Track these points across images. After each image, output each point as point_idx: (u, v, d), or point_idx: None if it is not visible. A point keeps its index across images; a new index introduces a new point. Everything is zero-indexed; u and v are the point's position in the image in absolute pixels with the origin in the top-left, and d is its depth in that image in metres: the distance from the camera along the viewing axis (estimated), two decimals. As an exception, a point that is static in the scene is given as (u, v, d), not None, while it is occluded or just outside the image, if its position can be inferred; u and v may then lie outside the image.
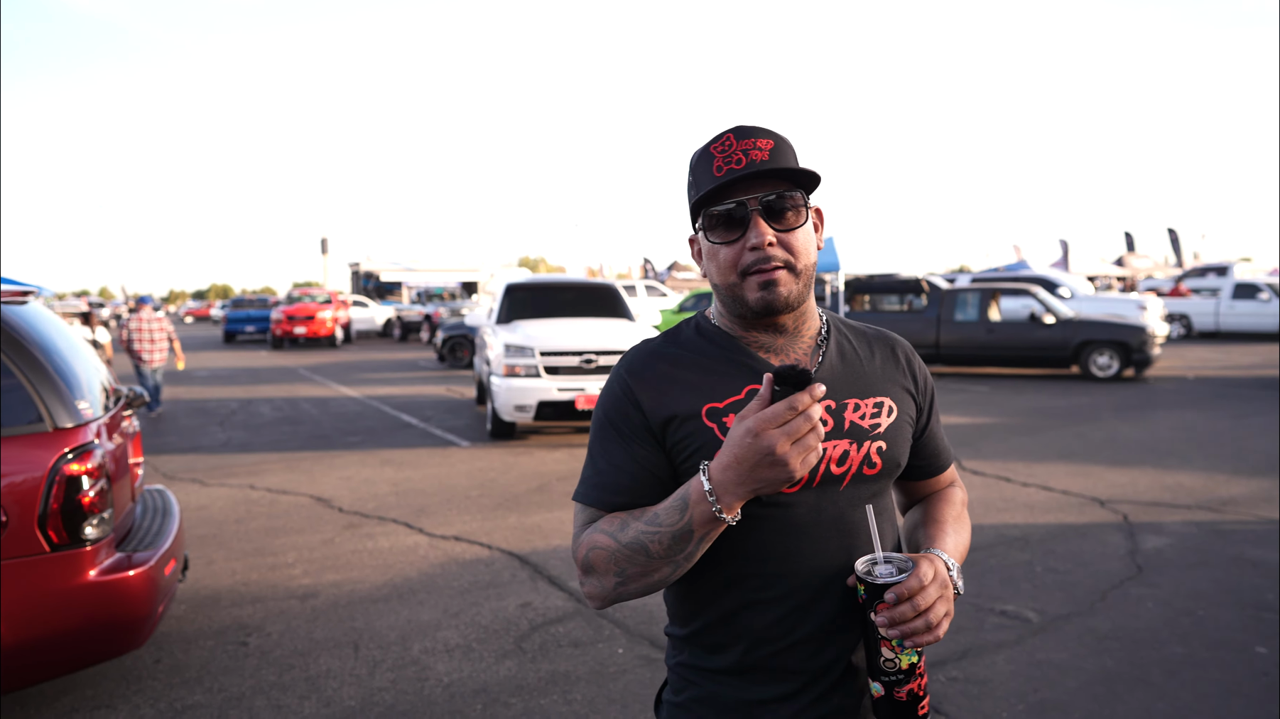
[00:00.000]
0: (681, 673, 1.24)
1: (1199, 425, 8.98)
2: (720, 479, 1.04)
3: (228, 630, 3.92)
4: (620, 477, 1.18)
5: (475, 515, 5.80)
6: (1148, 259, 37.98)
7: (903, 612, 1.05)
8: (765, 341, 1.22)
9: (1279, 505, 5.74)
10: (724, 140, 1.16)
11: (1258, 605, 4.00)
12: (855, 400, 1.21)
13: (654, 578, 1.13)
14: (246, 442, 8.98)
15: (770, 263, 1.15)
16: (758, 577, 1.17)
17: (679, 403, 1.18)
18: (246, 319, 28.55)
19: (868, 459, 1.19)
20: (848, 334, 1.29)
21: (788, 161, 1.16)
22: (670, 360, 1.22)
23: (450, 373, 16.22)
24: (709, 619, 1.20)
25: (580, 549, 1.17)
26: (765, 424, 0.99)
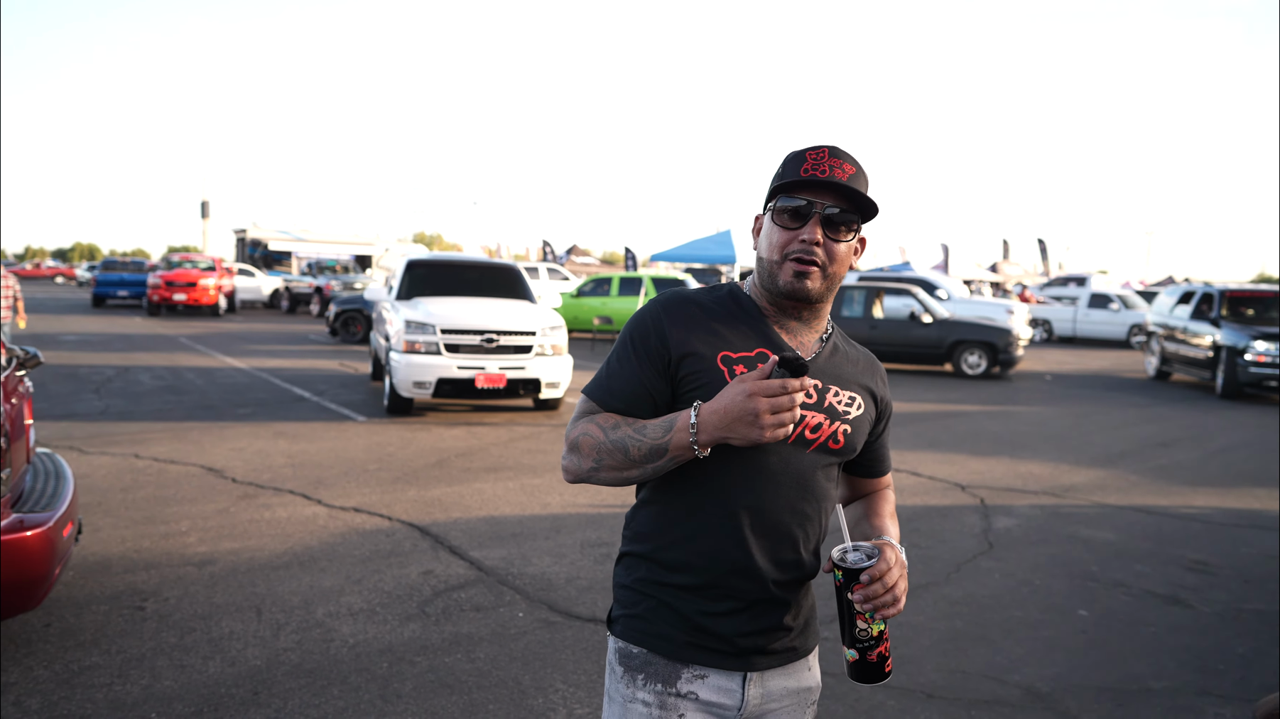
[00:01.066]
0: (639, 588, 1.43)
1: (1050, 421, 9.86)
2: (705, 418, 1.27)
3: (122, 595, 3.89)
4: (625, 386, 1.40)
5: (374, 488, 5.85)
6: (1019, 266, 40.61)
7: (875, 590, 1.27)
8: (783, 321, 1.43)
9: (1111, 492, 6.47)
10: (819, 151, 1.37)
11: (1084, 576, 4.57)
12: (837, 388, 1.44)
13: (623, 474, 1.36)
14: (127, 410, 8.63)
15: (811, 256, 1.36)
16: (721, 506, 1.37)
17: (701, 344, 1.39)
18: (119, 283, 26.90)
19: (834, 435, 1.41)
20: (845, 343, 1.53)
21: (860, 189, 1.37)
22: (702, 308, 1.43)
23: (343, 347, 15.88)
24: (674, 537, 1.40)
25: (574, 431, 1.41)
26: (759, 390, 1.23)
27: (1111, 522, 5.67)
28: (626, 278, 18.92)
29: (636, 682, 1.41)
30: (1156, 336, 14.83)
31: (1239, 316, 13.08)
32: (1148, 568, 4.74)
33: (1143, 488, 6.66)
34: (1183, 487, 6.75)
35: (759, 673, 1.41)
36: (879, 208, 1.39)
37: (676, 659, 1.39)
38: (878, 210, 1.39)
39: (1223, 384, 12.38)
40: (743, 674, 1.40)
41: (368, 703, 3.02)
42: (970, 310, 17.55)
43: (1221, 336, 12.49)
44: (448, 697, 3.08)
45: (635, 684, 1.41)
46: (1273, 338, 11.83)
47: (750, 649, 1.40)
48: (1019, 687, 3.30)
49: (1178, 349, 13.93)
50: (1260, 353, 11.77)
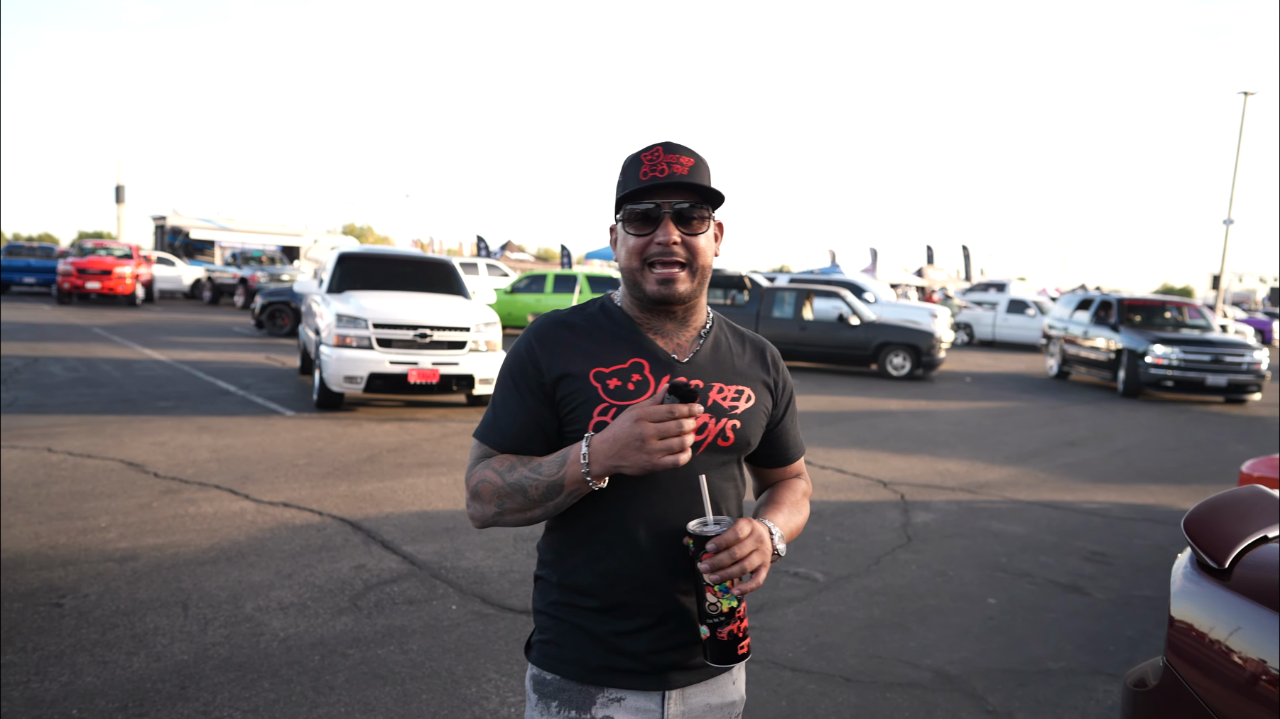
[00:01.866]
0: (553, 612, 1.41)
1: (969, 421, 10.29)
2: (596, 448, 1.27)
3: (37, 593, 3.78)
4: (511, 423, 1.39)
5: (304, 483, 5.78)
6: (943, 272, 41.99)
7: (721, 559, 1.23)
8: (656, 325, 1.42)
9: (1021, 488, 6.82)
10: (653, 151, 1.37)
11: (994, 567, 4.83)
12: (720, 384, 1.42)
13: (527, 514, 1.34)
14: (37, 402, 8.29)
15: (672, 258, 1.35)
16: (618, 524, 1.35)
17: (573, 363, 1.37)
18: (25, 269, 25.58)
19: (723, 433, 1.39)
20: (728, 333, 1.51)
21: (702, 180, 1.37)
22: (572, 328, 1.42)
23: (269, 340, 15.49)
24: (577, 561, 1.39)
25: (472, 479, 1.39)
26: (645, 417, 1.23)
27: (1021, 516, 5.98)
28: (561, 275, 18.93)
29: (551, 709, 1.38)
30: (1057, 340, 15.87)
31: (1132, 322, 14.22)
32: (1051, 559, 5.04)
33: (1050, 484, 7.03)
34: (1087, 483, 7.15)
35: (678, 690, 1.39)
36: (724, 195, 1.39)
37: (590, 683, 1.37)
38: (723, 197, 1.39)
39: (1125, 383, 13.40)
40: (661, 693, 1.38)
41: (299, 695, 3.02)
42: (896, 313, 18.13)
43: (1123, 341, 13.53)
44: (380, 687, 3.11)
45: (550, 712, 1.38)
46: (1170, 342, 12.92)
47: (666, 666, 1.37)
48: (931, 670, 3.49)
49: (1078, 351, 15.01)
50: (1159, 356, 12.85)
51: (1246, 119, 24.87)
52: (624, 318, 1.43)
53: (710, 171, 1.41)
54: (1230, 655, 1.48)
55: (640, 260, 1.37)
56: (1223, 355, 12.76)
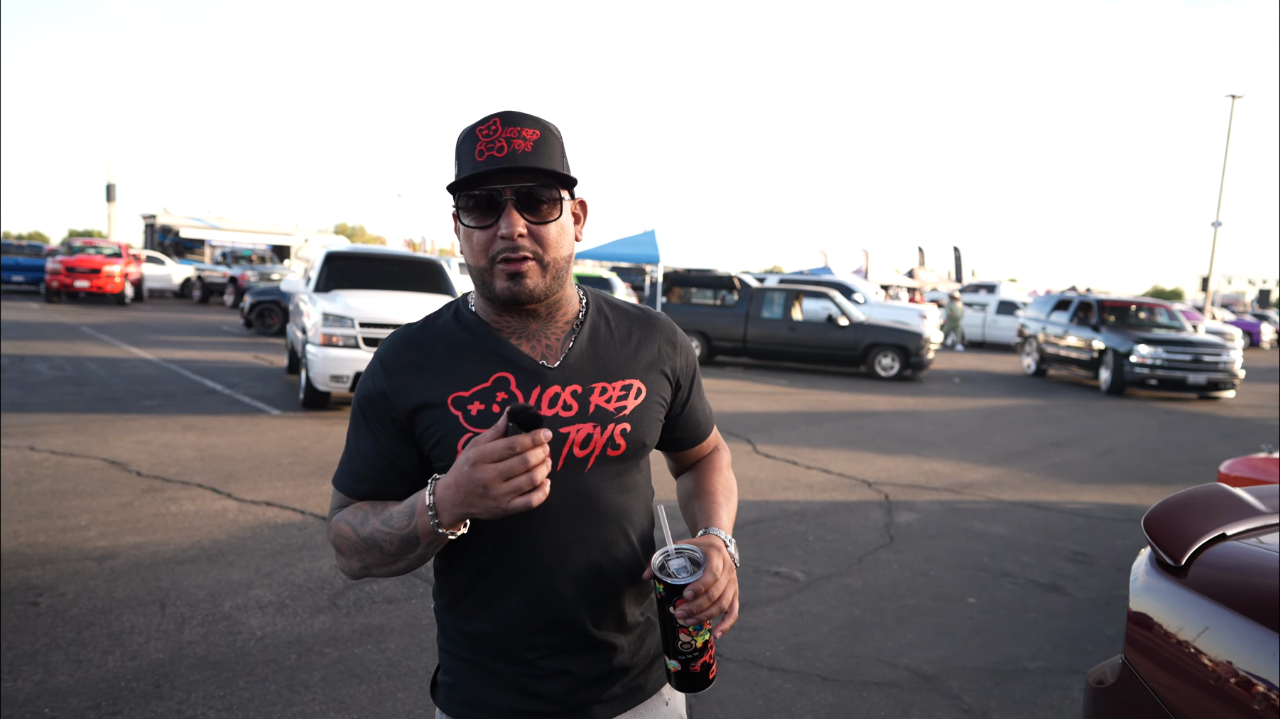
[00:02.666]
0: (456, 652, 1.27)
1: (956, 421, 10.33)
2: (441, 496, 1.08)
3: (14, 591, 3.76)
4: (365, 465, 1.22)
5: (288, 482, 5.77)
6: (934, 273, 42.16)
7: (700, 604, 1.11)
8: (517, 327, 1.23)
9: (1006, 489, 6.85)
10: (490, 125, 1.15)
11: (975, 567, 4.85)
12: (603, 384, 1.24)
13: (393, 567, 1.18)
14: (21, 401, 8.25)
15: (519, 253, 1.15)
16: (509, 561, 1.20)
17: (427, 391, 1.19)
18: (14, 267, 25.45)
19: (611, 441, 1.22)
20: (609, 316, 1.31)
21: (550, 155, 1.16)
22: (421, 348, 1.23)
23: (258, 339, 15.44)
24: (471, 607, 1.24)
25: (330, 532, 1.23)
26: (482, 458, 1.03)
27: (1004, 516, 6.00)
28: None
29: None
30: (1033, 339, 16.56)
31: (1112, 323, 14.82)
32: (1033, 559, 5.06)
33: (1035, 485, 7.06)
34: (1071, 484, 7.19)
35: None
36: (574, 176, 1.20)
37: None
38: (573, 179, 1.20)
39: (1110, 382, 13.99)
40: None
41: (274, 693, 3.02)
42: (885, 314, 18.18)
43: (1107, 341, 14.16)
44: (356, 686, 3.10)
45: None
46: (1153, 342, 13.59)
47: (584, 702, 1.24)
48: (908, 669, 3.51)
49: (1056, 350, 15.67)
50: (1143, 355, 13.52)
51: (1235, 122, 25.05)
52: (479, 325, 1.24)
53: (563, 143, 1.21)
54: (1186, 652, 1.50)
55: (486, 258, 1.18)
56: (1202, 355, 13.45)
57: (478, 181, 1.15)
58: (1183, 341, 13.62)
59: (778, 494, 6.22)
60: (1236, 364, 13.64)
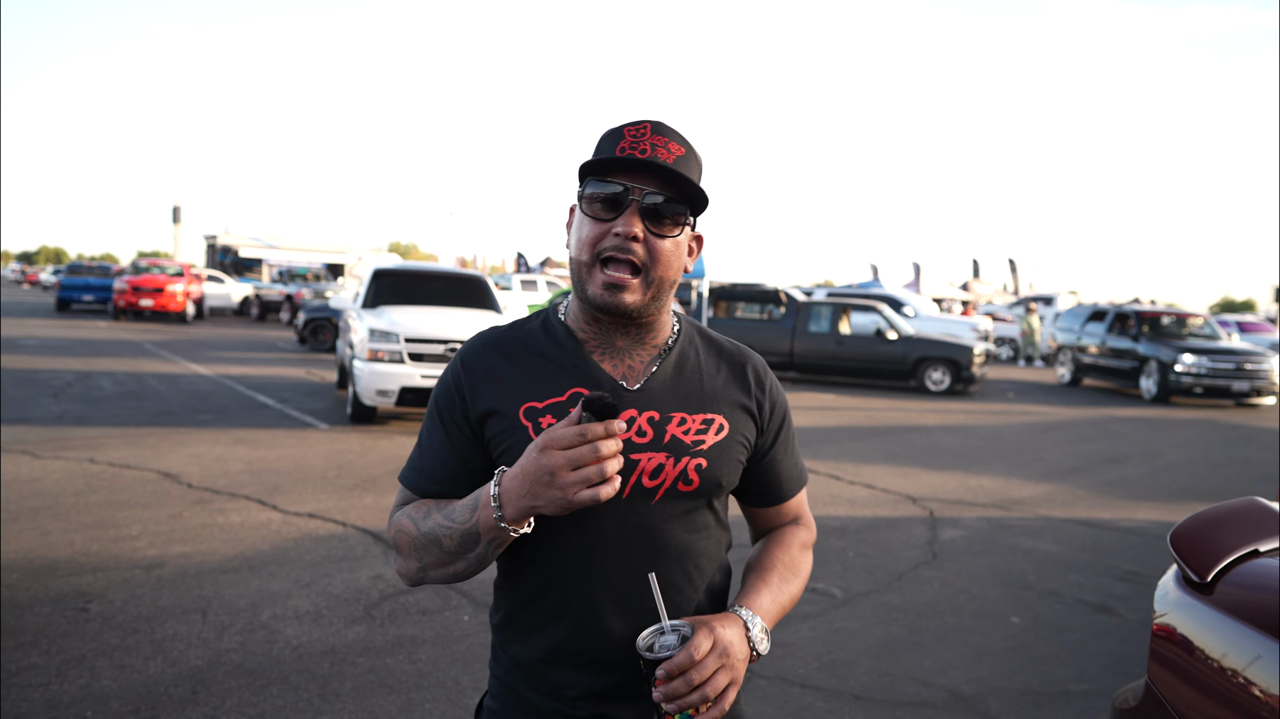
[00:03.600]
0: (502, 677, 1.22)
1: (1007, 436, 10.07)
2: (507, 487, 1.04)
3: (66, 598, 3.90)
4: (435, 463, 1.19)
5: (331, 494, 5.88)
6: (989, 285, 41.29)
7: (675, 687, 1.01)
8: (604, 343, 1.19)
9: (1057, 505, 6.64)
10: (640, 127, 1.14)
11: (1020, 585, 4.71)
12: (682, 414, 1.18)
13: (450, 569, 1.13)
14: (85, 415, 8.57)
15: (626, 255, 1.12)
16: (564, 590, 1.14)
17: (501, 398, 1.16)
18: (84, 287, 26.56)
19: (684, 475, 1.15)
20: (699, 347, 1.26)
21: (690, 173, 1.14)
22: (503, 352, 1.20)
23: (311, 355, 15.82)
24: (518, 630, 1.19)
25: (390, 530, 1.20)
26: (551, 444, 1.00)
27: (1054, 533, 5.82)
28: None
29: None
30: (1068, 349, 16.93)
31: (1148, 333, 15.31)
32: (1082, 578, 4.89)
33: (1088, 502, 6.84)
34: (1126, 501, 6.94)
35: None
36: (709, 199, 1.16)
37: None
38: (708, 201, 1.16)
39: (1156, 390, 14.39)
40: None
41: (306, 702, 3.06)
42: (936, 327, 17.86)
43: (1150, 350, 14.60)
44: (386, 696, 3.14)
45: None
46: (1197, 351, 14.08)
47: None
48: (944, 689, 3.41)
49: (1094, 360, 16.09)
50: (1188, 364, 13.97)
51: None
52: (566, 336, 1.21)
53: (702, 170, 1.19)
54: (1210, 673, 1.43)
55: (592, 254, 1.14)
56: (1244, 363, 13.98)
57: (611, 169, 1.13)
58: (1225, 350, 14.12)
59: (819, 509, 6.13)
60: (1275, 372, 14.14)
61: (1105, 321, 16.02)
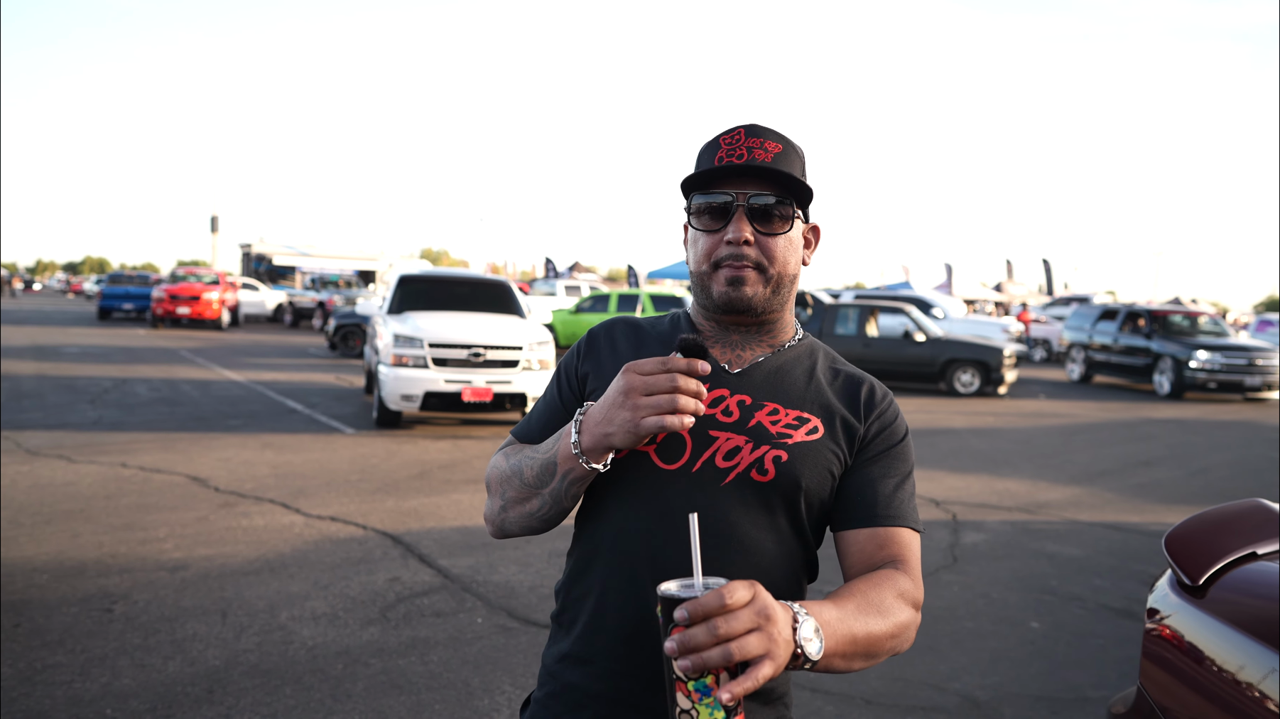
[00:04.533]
0: (549, 664, 1.21)
1: (1036, 439, 9.91)
2: (590, 414, 1.07)
3: (92, 598, 3.99)
4: (545, 412, 1.25)
5: (353, 498, 5.96)
6: (1023, 286, 40.64)
7: (695, 635, 0.81)
8: (722, 336, 1.20)
9: (1084, 509, 6.52)
10: (734, 134, 1.16)
11: (1042, 590, 4.63)
12: (776, 405, 1.15)
13: (526, 507, 1.14)
14: (120, 420, 8.77)
15: (742, 260, 1.13)
16: (616, 559, 1.12)
17: (606, 363, 1.21)
18: (125, 295, 27.23)
19: (759, 464, 1.11)
20: (819, 359, 1.24)
21: (790, 168, 1.15)
22: (625, 332, 1.26)
23: (341, 361, 16.04)
24: (573, 597, 1.18)
25: (489, 468, 1.24)
26: (634, 368, 1.03)
27: (1079, 538, 5.72)
28: (625, 294, 19.08)
29: None
30: (1078, 347, 17.35)
31: (1160, 331, 15.65)
32: (1107, 582, 4.80)
33: (1117, 505, 6.71)
34: (1158, 505, 6.80)
35: None
36: (811, 187, 1.17)
37: None
38: (810, 190, 1.17)
39: (1171, 387, 14.86)
40: None
41: (318, 702, 3.11)
42: (966, 329, 17.65)
43: (1164, 348, 15.08)
44: (397, 697, 3.17)
45: None
46: (1210, 348, 14.62)
47: None
48: (958, 694, 3.37)
49: (1106, 358, 16.55)
50: (1202, 361, 14.50)
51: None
52: (689, 326, 1.25)
53: (804, 162, 1.20)
54: (1199, 679, 1.40)
55: (710, 263, 1.17)
56: (1254, 359, 14.52)
57: (712, 180, 1.15)
58: (1236, 347, 14.69)
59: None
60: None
61: (1117, 320, 16.47)
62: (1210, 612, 1.45)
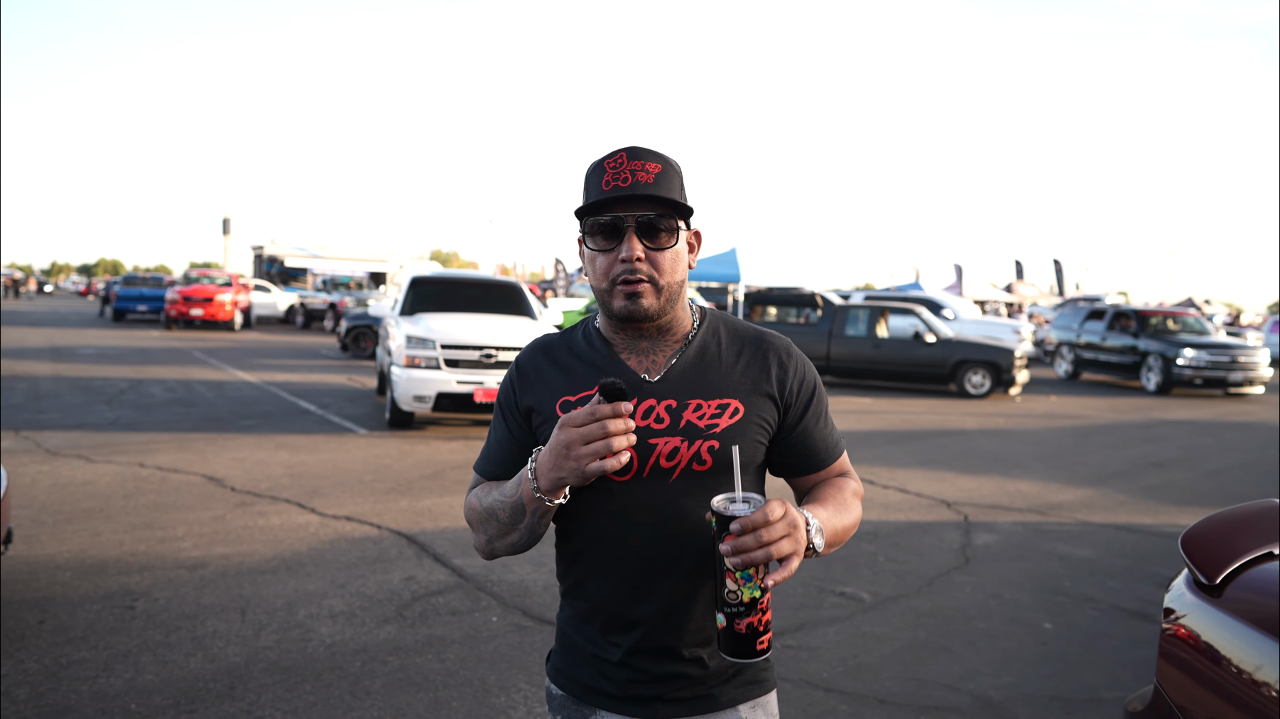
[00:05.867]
0: (561, 625, 1.41)
1: (1047, 440, 9.89)
2: (540, 463, 1.22)
3: (114, 596, 4.05)
4: (498, 450, 1.39)
5: (368, 498, 6.00)
6: (1034, 287, 40.48)
7: (745, 542, 1.09)
8: (630, 344, 1.35)
9: (1096, 510, 6.51)
10: (617, 158, 1.27)
11: (1055, 591, 4.63)
12: (699, 401, 1.31)
13: (509, 539, 1.31)
14: (136, 421, 8.85)
15: (636, 275, 1.26)
16: (596, 552, 1.33)
17: (543, 394, 1.34)
18: (139, 298, 27.41)
19: (697, 456, 1.28)
20: (722, 336, 1.38)
21: (670, 188, 1.27)
22: (550, 356, 1.38)
23: (353, 362, 16.12)
24: (572, 581, 1.38)
25: (465, 509, 1.40)
26: (567, 423, 1.16)
27: (1092, 539, 5.72)
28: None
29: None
30: (1066, 345, 17.97)
31: (1150, 330, 16.32)
32: (1120, 584, 4.80)
33: (1130, 507, 6.69)
34: (1171, 506, 6.78)
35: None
36: (690, 206, 1.30)
37: (584, 702, 1.36)
38: (690, 209, 1.30)
39: (1159, 383, 15.47)
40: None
41: (337, 699, 3.15)
42: (977, 330, 17.60)
43: (1152, 346, 15.73)
44: (414, 694, 3.21)
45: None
46: (1197, 346, 15.24)
47: (649, 697, 1.31)
48: (971, 694, 3.38)
49: (1094, 356, 17.17)
50: (1189, 358, 15.14)
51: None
52: (599, 341, 1.37)
53: (682, 178, 1.32)
54: (1217, 677, 1.42)
55: (609, 281, 1.29)
56: (1238, 356, 15.18)
57: (602, 208, 1.27)
58: (1221, 345, 15.37)
59: (850, 514, 6.10)
60: (1263, 364, 15.38)
61: (1105, 320, 17.12)
62: (1227, 610, 1.47)
